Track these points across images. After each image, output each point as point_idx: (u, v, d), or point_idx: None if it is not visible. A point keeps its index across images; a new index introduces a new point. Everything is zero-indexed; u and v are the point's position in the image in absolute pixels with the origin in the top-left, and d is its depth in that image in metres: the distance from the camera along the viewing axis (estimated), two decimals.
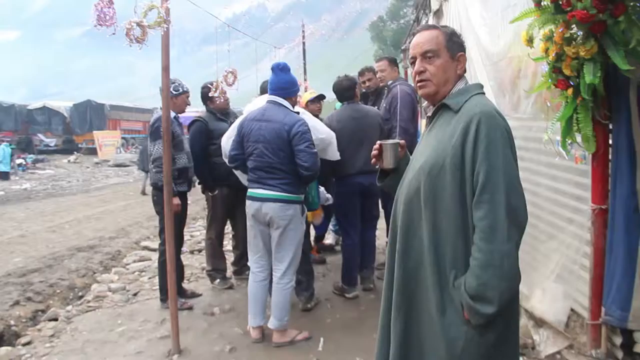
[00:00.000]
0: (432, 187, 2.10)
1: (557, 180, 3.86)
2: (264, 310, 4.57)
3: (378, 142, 2.50)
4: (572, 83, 2.97)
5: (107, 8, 3.05)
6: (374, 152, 2.50)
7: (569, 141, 3.22)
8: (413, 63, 2.27)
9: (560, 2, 2.60)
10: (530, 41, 2.93)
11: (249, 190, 4.42)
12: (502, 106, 4.72)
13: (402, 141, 2.53)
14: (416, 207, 2.17)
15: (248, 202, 4.41)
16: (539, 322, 4.02)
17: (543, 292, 4.05)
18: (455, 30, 2.33)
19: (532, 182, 4.17)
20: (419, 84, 2.25)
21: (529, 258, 4.25)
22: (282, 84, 4.47)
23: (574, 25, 2.82)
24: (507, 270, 1.95)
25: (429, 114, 2.33)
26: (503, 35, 4.53)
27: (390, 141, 2.47)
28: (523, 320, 4.30)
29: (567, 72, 2.89)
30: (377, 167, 2.56)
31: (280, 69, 4.48)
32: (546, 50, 2.98)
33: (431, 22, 8.75)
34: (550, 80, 3.09)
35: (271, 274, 4.51)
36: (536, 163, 4.11)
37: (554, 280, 3.91)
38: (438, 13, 7.98)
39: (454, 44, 2.24)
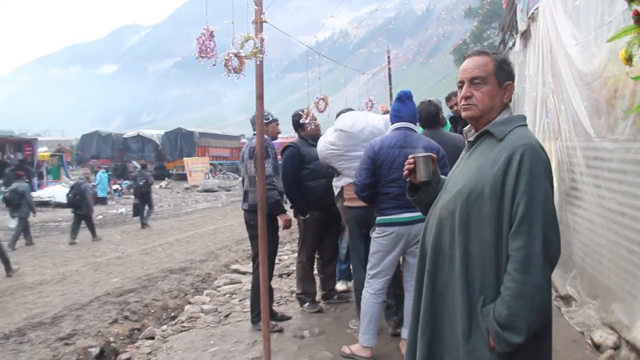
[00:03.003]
0: (468, 212, 2.13)
1: None
2: None
3: (411, 155, 2.52)
4: None
5: (208, 41, 3.24)
6: (409, 166, 2.51)
7: None
8: (461, 87, 2.30)
9: None
10: (629, 60, 2.83)
11: (393, 216, 4.36)
12: (597, 127, 4.58)
13: (434, 155, 2.55)
14: (448, 229, 2.21)
15: (391, 229, 4.36)
16: None
17: None
18: (506, 59, 2.34)
19: (632, 206, 4.00)
20: (463, 107, 2.28)
21: (629, 286, 4.06)
22: (412, 112, 4.59)
23: None
24: (539, 303, 1.99)
25: (471, 138, 2.35)
26: (597, 55, 4.40)
27: (423, 154, 2.50)
28: (624, 352, 4.10)
29: None
30: (408, 180, 2.58)
31: (408, 98, 4.59)
32: None
33: (518, 43, 8.61)
34: None
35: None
36: (636, 186, 3.93)
37: None
38: (525, 34, 7.84)
39: (503, 72, 2.26)
